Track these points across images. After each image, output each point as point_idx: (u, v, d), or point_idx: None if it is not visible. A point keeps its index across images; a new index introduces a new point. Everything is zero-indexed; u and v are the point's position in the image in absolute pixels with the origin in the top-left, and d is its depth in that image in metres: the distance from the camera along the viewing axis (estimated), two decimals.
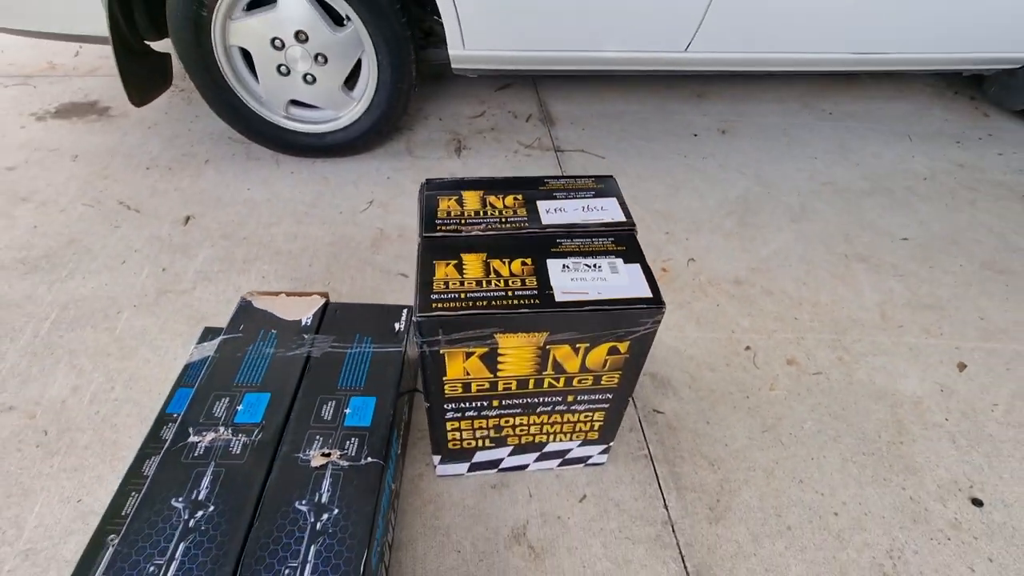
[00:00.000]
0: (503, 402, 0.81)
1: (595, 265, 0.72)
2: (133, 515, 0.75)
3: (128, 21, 1.42)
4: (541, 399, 0.81)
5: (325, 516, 0.76)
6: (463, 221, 0.79)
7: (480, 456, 0.94)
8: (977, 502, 0.99)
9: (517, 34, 1.53)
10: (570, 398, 0.82)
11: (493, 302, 0.67)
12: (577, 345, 0.72)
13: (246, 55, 1.51)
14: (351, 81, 1.60)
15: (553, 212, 0.81)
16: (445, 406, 0.80)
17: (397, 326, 1.02)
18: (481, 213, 0.80)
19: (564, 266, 0.72)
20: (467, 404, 0.81)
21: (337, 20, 1.48)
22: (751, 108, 2.11)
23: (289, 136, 1.65)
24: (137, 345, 1.17)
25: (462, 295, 0.68)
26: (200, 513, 0.75)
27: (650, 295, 0.69)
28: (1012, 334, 1.29)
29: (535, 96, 2.13)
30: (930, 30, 1.68)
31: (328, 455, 0.82)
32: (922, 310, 1.34)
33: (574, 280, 0.70)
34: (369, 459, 0.82)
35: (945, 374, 1.20)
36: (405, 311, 1.05)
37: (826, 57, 1.70)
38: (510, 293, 0.68)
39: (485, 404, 0.81)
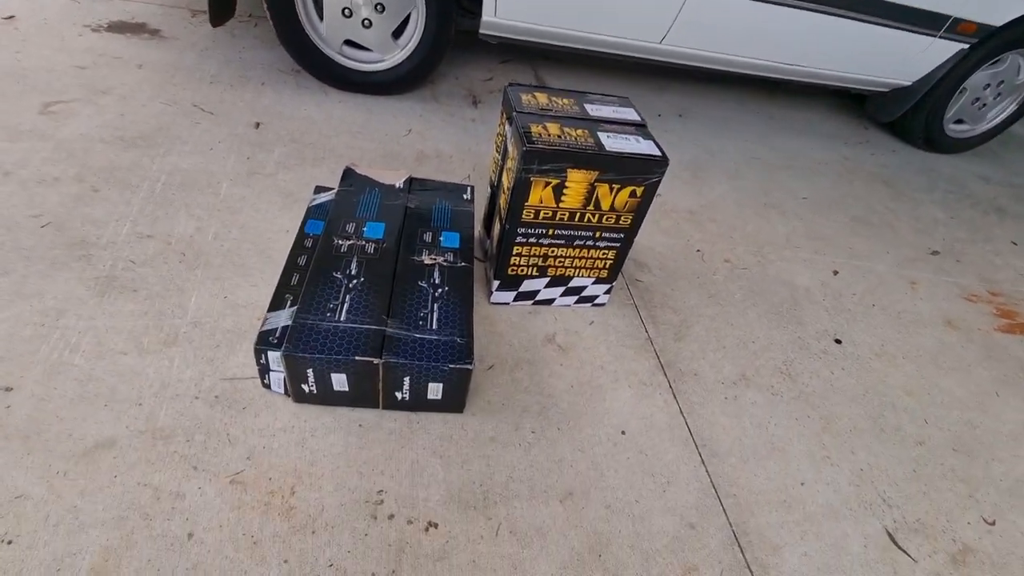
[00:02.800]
0: (555, 232, 1.22)
1: (627, 137, 1.16)
2: (309, 278, 1.08)
3: None
4: (579, 232, 1.23)
5: (439, 290, 1.13)
6: (540, 107, 1.19)
7: (525, 286, 1.34)
8: (838, 341, 1.52)
9: (537, 10, 1.96)
10: (597, 234, 1.24)
11: (570, 146, 1.08)
12: (613, 185, 1.14)
13: None
14: (398, 32, 1.95)
15: (595, 110, 1.24)
16: (519, 229, 1.20)
17: (465, 196, 1.40)
18: (549, 105, 1.21)
19: (608, 135, 1.15)
20: (532, 230, 1.20)
21: None
22: (701, 101, 2.66)
23: (340, 70, 1.97)
24: (241, 206, 1.46)
25: (551, 140, 1.08)
26: (355, 282, 1.10)
27: (661, 154, 1.13)
28: (868, 258, 1.87)
29: (532, 71, 2.56)
30: (834, 55, 2.29)
31: (435, 259, 1.19)
32: (813, 240, 1.90)
33: (616, 142, 1.13)
34: (462, 263, 1.20)
35: (825, 276, 1.75)
36: (470, 188, 1.43)
37: (761, 63, 2.27)
38: (579, 143, 1.09)
39: (543, 232, 1.21)
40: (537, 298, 1.38)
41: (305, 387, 1.01)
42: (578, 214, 1.19)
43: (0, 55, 1.79)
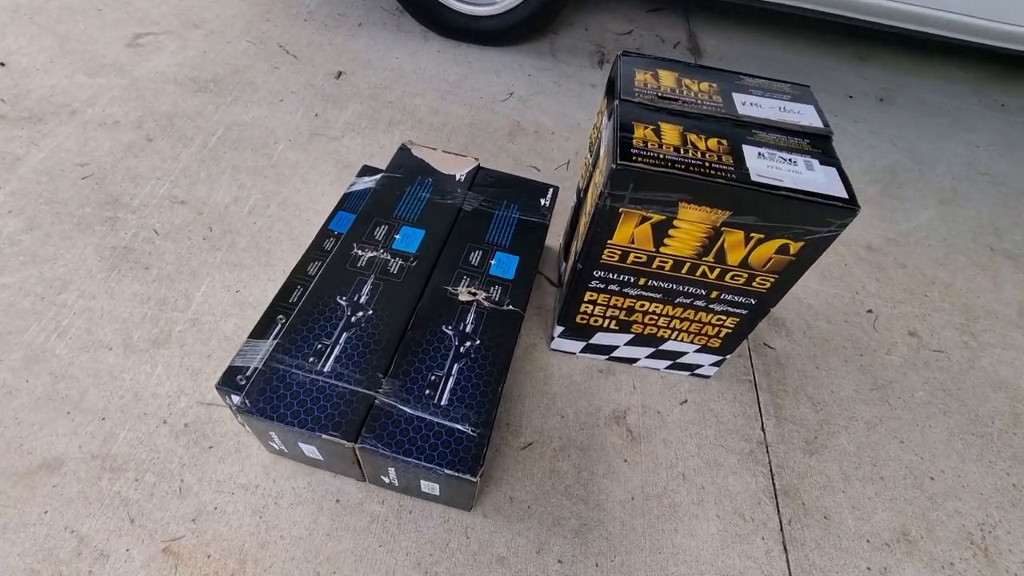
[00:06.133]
0: (649, 282, 0.84)
1: (791, 160, 0.72)
2: (304, 301, 0.84)
3: None
4: (686, 288, 0.83)
5: (468, 343, 0.82)
6: (660, 94, 0.79)
7: (598, 339, 0.98)
8: None
9: None
10: (714, 294, 0.84)
11: (690, 168, 0.68)
12: (752, 234, 0.72)
13: None
14: None
15: (749, 105, 0.80)
16: (595, 272, 0.84)
17: (543, 201, 1.05)
18: (676, 91, 0.80)
19: (760, 154, 0.72)
20: (615, 276, 0.84)
21: None
22: (915, 81, 1.94)
23: (445, 12, 1.66)
24: (290, 175, 1.26)
25: (660, 155, 0.69)
26: (361, 313, 0.83)
27: (846, 196, 0.68)
28: None
29: (685, 25, 2.03)
30: None
31: (475, 295, 0.88)
32: None
33: (770, 167, 0.70)
34: (510, 306, 0.87)
35: None
36: (551, 190, 1.08)
37: None
38: (707, 164, 0.69)
39: (631, 280, 0.84)
40: (613, 354, 1.02)
41: (273, 444, 0.79)
42: (688, 264, 0.79)
43: None
